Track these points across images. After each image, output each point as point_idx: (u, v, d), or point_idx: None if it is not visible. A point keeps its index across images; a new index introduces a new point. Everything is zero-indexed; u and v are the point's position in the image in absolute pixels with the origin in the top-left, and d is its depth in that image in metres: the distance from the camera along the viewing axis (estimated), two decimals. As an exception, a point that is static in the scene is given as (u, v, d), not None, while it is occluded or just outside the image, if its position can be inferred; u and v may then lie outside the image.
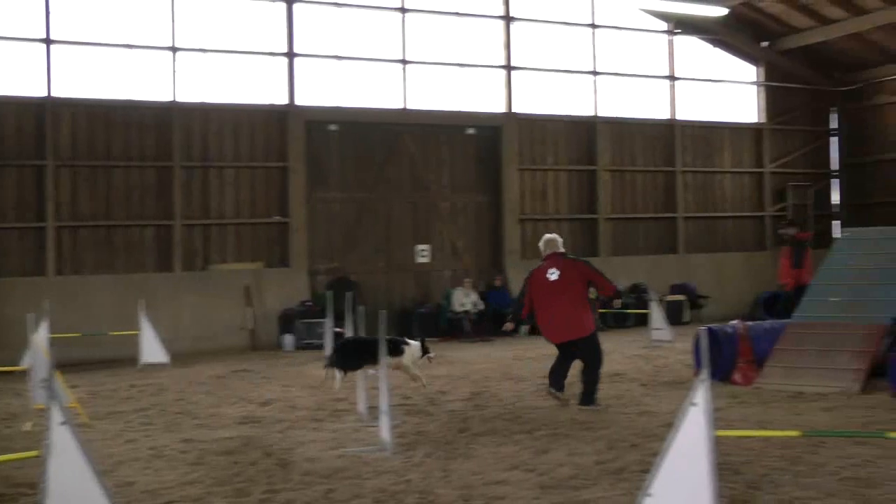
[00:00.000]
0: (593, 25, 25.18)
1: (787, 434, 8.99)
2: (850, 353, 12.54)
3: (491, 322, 21.61)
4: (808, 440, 8.88)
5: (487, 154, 23.85)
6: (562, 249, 12.10)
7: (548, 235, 12.41)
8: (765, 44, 27.36)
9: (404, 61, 22.82)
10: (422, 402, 12.22)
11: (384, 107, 22.66)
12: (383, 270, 22.53)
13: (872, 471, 7.90)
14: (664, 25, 26.16)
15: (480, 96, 23.80)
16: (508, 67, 23.99)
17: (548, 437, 9.68)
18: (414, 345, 12.19)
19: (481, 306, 21.90)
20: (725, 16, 24.23)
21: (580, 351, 11.61)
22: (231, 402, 12.77)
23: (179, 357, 17.37)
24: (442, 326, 21.58)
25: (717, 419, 6.43)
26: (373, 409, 10.30)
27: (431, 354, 12.39)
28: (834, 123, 29.08)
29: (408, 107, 22.80)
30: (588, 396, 11.49)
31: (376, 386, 9.61)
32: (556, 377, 11.70)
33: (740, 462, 8.16)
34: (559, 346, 11.81)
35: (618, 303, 12.43)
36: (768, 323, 14.86)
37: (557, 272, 11.72)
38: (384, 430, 9.18)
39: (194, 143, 20.86)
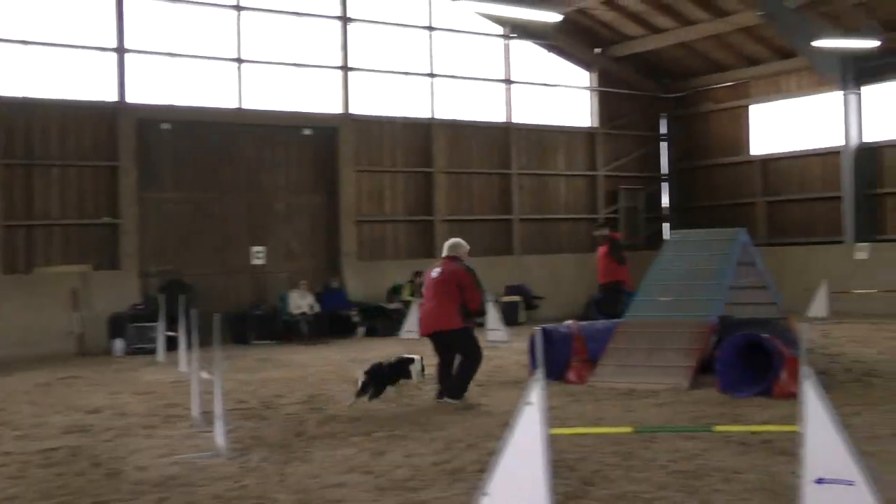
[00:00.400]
0: (430, 28, 25.33)
1: (619, 430, 9.18)
2: (680, 350, 12.92)
3: (328, 324, 21.50)
4: (640, 436, 9.10)
5: (324, 155, 23.70)
6: (456, 254, 12.37)
7: (451, 240, 12.75)
8: (598, 50, 28.06)
9: (240, 60, 22.44)
10: (258, 405, 12.03)
11: (219, 106, 22.23)
12: (218, 272, 22.07)
13: (700, 463, 8.14)
14: (500, 30, 26.52)
15: (317, 97, 23.62)
16: (345, 68, 23.89)
17: (385, 438, 9.63)
18: (416, 360, 12.06)
19: (318, 308, 21.70)
20: (560, 22, 24.68)
21: (452, 346, 11.92)
22: (56, 410, 12.23)
23: (0, 365, 16.58)
24: (278, 329, 21.29)
25: (552, 417, 6.52)
26: (207, 414, 10.04)
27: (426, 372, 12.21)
28: (664, 129, 30.11)
29: (243, 106, 22.43)
30: (454, 390, 11.71)
31: (210, 390, 9.38)
32: (442, 385, 11.94)
33: (575, 459, 8.28)
34: (432, 344, 12.11)
35: (479, 319, 12.55)
36: (601, 323, 15.16)
37: (439, 271, 12.17)
38: (219, 435, 8.98)
39: (17, 140, 20.00)
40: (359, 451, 9.09)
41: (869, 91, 25.42)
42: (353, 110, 23.93)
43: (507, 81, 26.71)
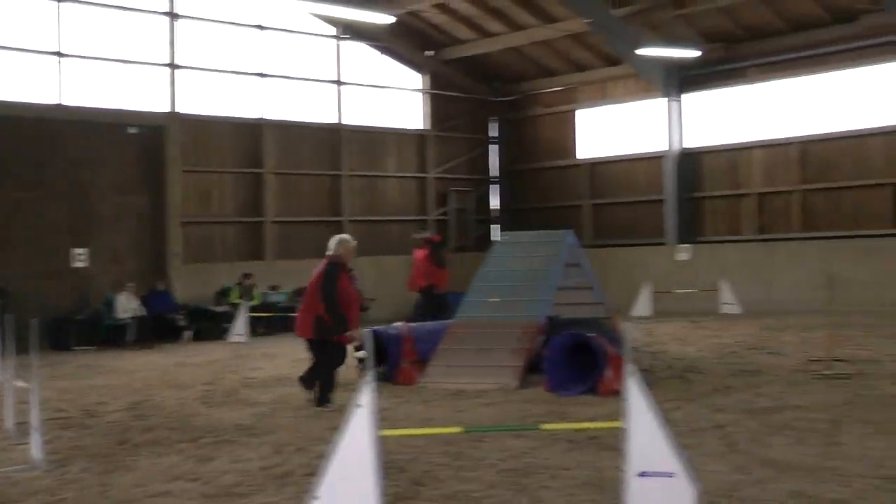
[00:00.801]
0: (261, 27, 25.00)
1: (449, 430, 9.21)
2: (508, 350, 13.09)
3: (153, 328, 20.92)
4: (469, 436, 9.16)
5: (150, 154, 23.07)
6: (332, 252, 11.94)
7: (335, 236, 12.42)
8: (430, 53, 28.23)
9: (60, 54, 21.61)
10: (78, 414, 11.58)
11: (38, 101, 21.34)
12: (36, 275, 21.13)
13: (529, 461, 8.25)
14: (332, 30, 26.38)
15: (143, 94, 22.98)
16: (173, 66, 23.31)
17: (212, 444, 9.42)
18: None
19: (142, 312, 21.08)
20: (392, 24, 24.72)
21: (312, 349, 11.84)
22: None
23: None
24: (101, 334, 20.58)
25: (382, 419, 6.48)
26: (22, 426, 9.59)
27: None
28: (494, 132, 30.55)
29: (64, 102, 21.61)
30: (320, 397, 11.59)
31: (26, 400, 8.96)
32: (306, 376, 11.87)
33: (405, 460, 8.27)
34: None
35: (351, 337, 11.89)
36: (431, 324, 15.24)
37: (314, 272, 11.89)
38: (35, 446, 8.59)
39: None
40: (185, 457, 8.85)
41: (690, 99, 26.42)
42: (180, 109, 23.37)
43: (339, 82, 26.60)
